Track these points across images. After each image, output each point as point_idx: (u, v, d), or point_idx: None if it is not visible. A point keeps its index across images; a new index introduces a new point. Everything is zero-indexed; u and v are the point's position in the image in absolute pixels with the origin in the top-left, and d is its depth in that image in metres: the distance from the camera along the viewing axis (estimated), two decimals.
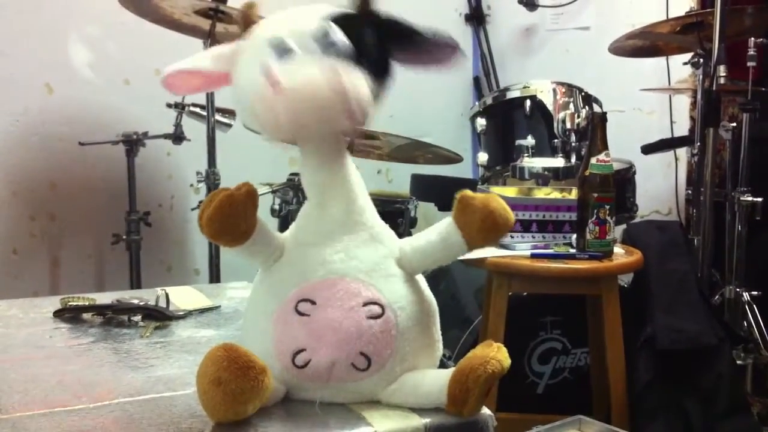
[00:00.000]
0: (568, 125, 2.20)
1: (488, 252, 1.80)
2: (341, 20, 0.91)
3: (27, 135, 2.61)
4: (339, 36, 0.89)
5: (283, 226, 2.42)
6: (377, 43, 0.91)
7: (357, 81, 0.88)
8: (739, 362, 2.15)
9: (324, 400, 0.91)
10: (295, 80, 0.86)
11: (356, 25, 0.90)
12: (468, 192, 0.94)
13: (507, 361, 0.90)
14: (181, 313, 1.35)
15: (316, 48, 0.88)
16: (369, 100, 0.90)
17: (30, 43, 2.58)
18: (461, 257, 0.99)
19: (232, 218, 0.88)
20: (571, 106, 2.24)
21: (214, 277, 2.50)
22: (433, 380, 0.91)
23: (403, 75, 0.95)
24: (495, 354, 0.89)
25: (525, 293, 2.05)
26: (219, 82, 0.97)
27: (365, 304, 0.90)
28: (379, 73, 0.91)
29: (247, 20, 0.95)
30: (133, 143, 2.48)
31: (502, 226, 0.93)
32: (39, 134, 2.63)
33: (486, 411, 0.92)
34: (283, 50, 0.88)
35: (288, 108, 0.86)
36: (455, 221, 0.94)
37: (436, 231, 0.96)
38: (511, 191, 2.02)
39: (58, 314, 1.34)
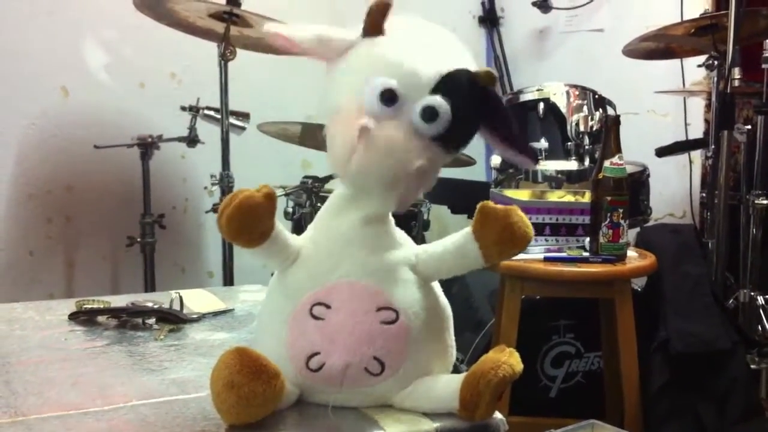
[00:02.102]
0: (582, 128, 2.20)
1: None
2: (454, 86, 0.90)
3: (43, 138, 2.63)
4: (445, 110, 0.88)
5: (297, 229, 2.44)
6: (471, 124, 0.92)
7: (434, 167, 0.91)
8: (753, 366, 2.14)
9: (337, 404, 0.91)
10: (382, 142, 0.87)
11: (464, 101, 0.90)
12: (489, 203, 0.94)
13: (519, 366, 0.90)
14: (195, 316, 1.36)
15: (420, 115, 0.88)
16: (433, 180, 0.93)
17: (46, 47, 2.60)
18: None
19: (250, 219, 0.88)
20: (585, 108, 2.24)
21: (228, 279, 2.51)
22: (445, 385, 0.91)
23: None
24: (507, 359, 0.89)
25: (538, 296, 2.05)
26: (315, 57, 0.94)
27: (379, 309, 0.90)
28: (460, 145, 0.93)
29: (373, 22, 0.91)
30: (147, 146, 2.49)
31: (519, 241, 0.93)
32: (55, 137, 2.65)
33: (498, 415, 0.92)
34: (389, 98, 0.88)
35: (360, 162, 0.87)
36: (473, 232, 0.94)
37: (453, 240, 0.96)
38: (524, 194, 2.02)
39: (73, 317, 1.34)
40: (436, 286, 0.99)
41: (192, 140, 2.49)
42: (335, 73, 0.93)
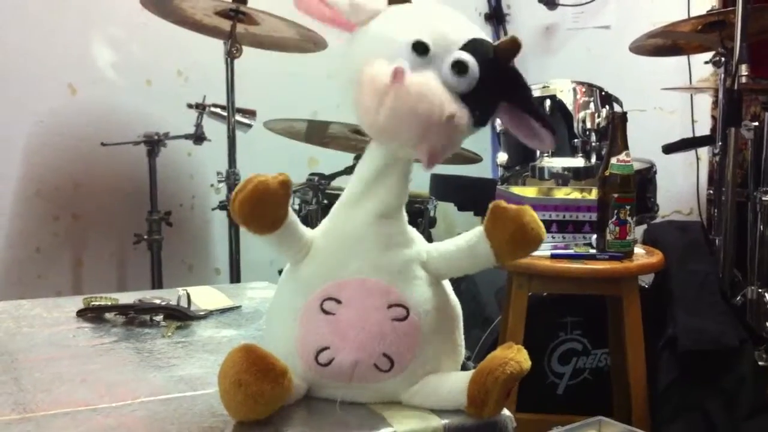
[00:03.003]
0: (588, 125, 2.20)
1: None
2: (481, 50, 0.90)
3: (50, 135, 2.64)
4: (474, 66, 0.88)
5: None
6: (496, 92, 0.92)
7: (463, 121, 0.88)
8: (761, 363, 2.13)
9: (345, 400, 0.92)
10: (416, 86, 0.85)
11: (490, 64, 0.90)
12: (501, 203, 0.93)
13: (527, 363, 0.89)
14: (203, 313, 1.36)
15: (450, 68, 0.88)
16: (456, 147, 0.90)
17: (54, 44, 2.60)
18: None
19: (263, 205, 0.88)
20: (592, 105, 2.24)
21: (235, 276, 2.51)
22: (453, 382, 0.91)
23: None
24: (515, 356, 0.89)
25: (545, 293, 2.05)
26: (342, 25, 0.94)
27: (390, 306, 0.90)
28: (481, 119, 0.91)
29: None
30: (154, 143, 2.50)
31: (532, 241, 0.93)
32: (62, 135, 2.65)
33: (505, 412, 0.92)
34: (420, 51, 0.88)
35: (393, 106, 0.85)
36: (485, 231, 0.93)
37: (465, 239, 0.96)
38: (530, 191, 2.02)
39: (81, 314, 1.35)
40: (447, 285, 0.99)
41: (198, 137, 2.50)
42: (364, 34, 0.92)
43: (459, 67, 0.88)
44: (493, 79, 0.90)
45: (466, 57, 0.88)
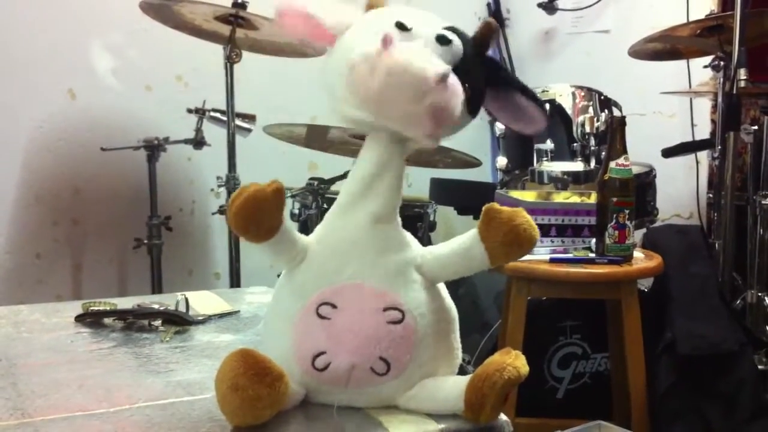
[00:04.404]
0: (588, 129, 2.20)
1: None
2: (460, 33, 0.94)
3: (50, 140, 2.64)
4: (457, 41, 0.92)
5: (303, 231, 2.42)
6: (479, 73, 0.94)
7: (458, 88, 0.89)
8: (760, 367, 2.13)
9: (342, 404, 0.92)
10: (405, 51, 0.87)
11: (471, 47, 0.94)
12: (495, 205, 0.94)
13: (524, 369, 0.90)
14: (201, 317, 1.36)
15: (435, 41, 0.91)
16: (457, 112, 0.90)
17: (53, 50, 2.61)
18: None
19: (258, 213, 0.88)
20: (591, 109, 2.24)
21: (235, 281, 2.51)
22: (450, 386, 0.91)
23: None
24: (512, 361, 0.89)
25: (544, 298, 2.05)
26: (325, 38, 0.95)
27: (386, 309, 0.90)
28: (473, 101, 0.93)
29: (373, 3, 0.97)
30: (154, 148, 2.50)
31: (525, 243, 0.93)
32: (62, 140, 2.66)
33: (502, 417, 0.92)
34: (403, 28, 0.91)
35: (387, 74, 0.86)
36: (479, 233, 0.94)
37: (459, 242, 0.96)
38: (530, 195, 2.02)
39: (80, 319, 1.35)
40: (442, 288, 0.99)
41: (198, 142, 2.50)
42: (346, 35, 0.93)
43: (442, 39, 0.91)
44: (474, 61, 0.93)
45: (449, 33, 0.93)
